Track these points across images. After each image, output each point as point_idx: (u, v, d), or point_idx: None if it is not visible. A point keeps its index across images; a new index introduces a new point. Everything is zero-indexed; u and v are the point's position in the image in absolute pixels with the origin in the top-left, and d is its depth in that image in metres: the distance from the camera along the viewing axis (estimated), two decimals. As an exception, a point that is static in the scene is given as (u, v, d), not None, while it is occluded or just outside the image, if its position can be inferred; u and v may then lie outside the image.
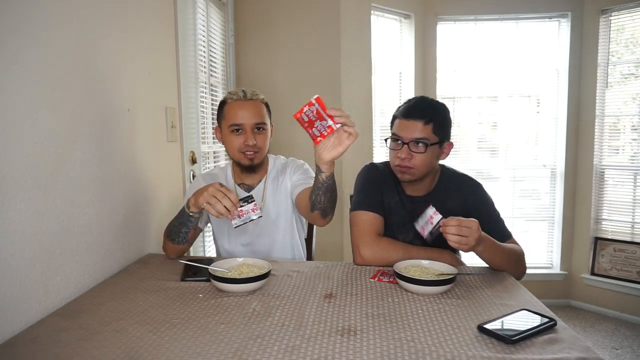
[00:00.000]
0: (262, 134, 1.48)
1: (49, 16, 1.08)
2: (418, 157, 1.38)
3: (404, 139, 1.38)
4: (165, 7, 1.78)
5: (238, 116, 1.44)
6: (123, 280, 1.27)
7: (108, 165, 1.34)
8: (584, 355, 0.84)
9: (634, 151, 3.35)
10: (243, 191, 1.56)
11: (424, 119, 1.37)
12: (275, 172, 1.59)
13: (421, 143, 1.37)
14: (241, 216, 1.24)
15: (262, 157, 1.51)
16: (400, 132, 1.40)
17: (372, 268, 1.37)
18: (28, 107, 1.01)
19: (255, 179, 1.57)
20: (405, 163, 1.38)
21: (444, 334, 0.93)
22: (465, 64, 3.55)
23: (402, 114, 1.40)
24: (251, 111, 1.45)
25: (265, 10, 2.83)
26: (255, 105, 1.47)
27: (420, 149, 1.37)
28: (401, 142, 1.39)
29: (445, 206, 1.44)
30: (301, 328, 0.95)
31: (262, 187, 1.56)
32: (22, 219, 0.98)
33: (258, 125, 1.46)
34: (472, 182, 1.51)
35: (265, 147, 1.51)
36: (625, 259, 3.30)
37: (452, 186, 1.48)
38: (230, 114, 1.46)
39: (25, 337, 0.92)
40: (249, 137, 1.45)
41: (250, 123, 1.45)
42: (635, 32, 3.27)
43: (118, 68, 1.41)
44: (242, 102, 1.46)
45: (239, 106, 1.45)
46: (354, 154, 2.94)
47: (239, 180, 1.58)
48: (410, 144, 1.37)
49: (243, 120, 1.44)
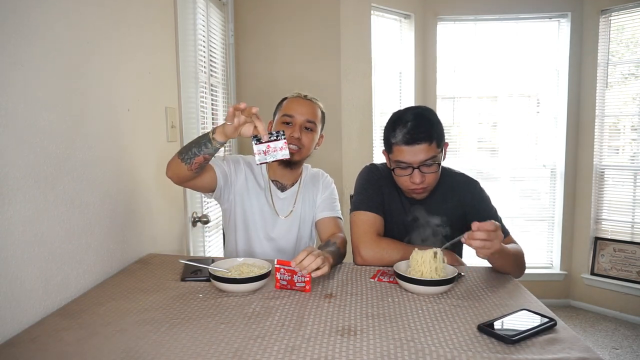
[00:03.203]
0: (309, 134, 1.51)
1: (49, 16, 1.08)
2: (431, 176, 1.36)
3: (412, 164, 1.33)
4: (165, 7, 1.78)
5: (293, 109, 1.51)
6: (123, 280, 1.27)
7: (108, 166, 1.34)
8: (584, 355, 0.84)
9: (633, 151, 3.35)
10: (276, 188, 1.58)
11: (429, 140, 1.32)
12: (309, 180, 1.63)
13: (431, 162, 1.34)
14: (267, 152, 1.14)
15: (303, 156, 1.54)
16: (407, 159, 1.34)
17: (372, 268, 1.37)
18: (28, 107, 1.01)
19: (290, 180, 1.60)
20: (420, 186, 1.36)
21: (444, 334, 0.93)
22: (465, 64, 3.55)
23: (403, 141, 1.32)
24: (306, 108, 1.51)
25: (265, 10, 2.83)
26: (312, 105, 1.54)
27: (432, 169, 1.35)
28: (410, 168, 1.34)
29: (443, 205, 1.45)
30: (301, 328, 0.95)
31: (296, 189, 1.60)
32: (22, 219, 0.98)
33: (308, 123, 1.50)
34: (468, 180, 1.52)
35: (309, 148, 1.54)
36: (625, 259, 3.30)
37: (449, 185, 1.48)
38: (286, 106, 1.53)
39: (26, 337, 0.92)
40: (296, 130, 1.48)
41: (301, 118, 1.50)
42: (635, 32, 3.27)
43: (118, 68, 1.41)
44: (301, 99, 1.54)
45: (296, 101, 1.53)
46: (353, 155, 2.94)
47: (273, 177, 1.59)
48: (421, 167, 1.34)
49: (296, 113, 1.50)
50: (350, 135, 2.91)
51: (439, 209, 1.44)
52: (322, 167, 1.79)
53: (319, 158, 2.81)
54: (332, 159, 2.86)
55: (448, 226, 1.40)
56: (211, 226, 2.23)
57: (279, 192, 1.58)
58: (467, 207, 1.46)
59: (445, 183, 1.48)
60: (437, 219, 1.41)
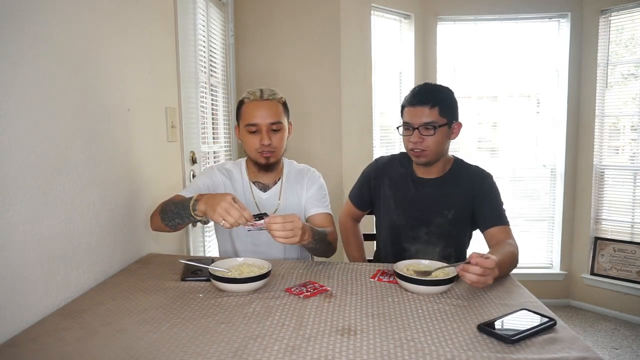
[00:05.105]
0: (278, 134, 1.50)
1: (49, 16, 1.08)
2: (429, 139, 1.46)
3: (413, 124, 1.47)
4: (165, 7, 1.78)
5: (254, 116, 1.46)
6: (123, 280, 1.27)
7: (108, 165, 1.34)
8: (583, 354, 0.84)
9: (633, 151, 3.35)
10: (258, 190, 1.57)
11: (429, 103, 1.45)
12: (292, 177, 1.60)
13: (430, 126, 1.45)
14: (255, 226, 1.22)
15: (278, 156, 1.53)
16: (409, 119, 1.48)
17: (372, 268, 1.37)
18: (28, 108, 1.01)
19: (271, 179, 1.58)
20: (418, 146, 1.47)
21: (444, 334, 0.93)
22: (465, 64, 3.55)
23: (409, 102, 1.50)
24: (267, 111, 1.47)
25: (265, 10, 2.83)
26: (271, 105, 1.48)
27: (429, 132, 1.45)
28: (412, 128, 1.47)
29: (453, 191, 1.54)
30: (301, 328, 0.95)
31: (278, 188, 1.58)
32: (22, 219, 0.98)
33: (273, 125, 1.48)
34: (481, 172, 1.58)
35: (282, 147, 1.52)
36: (624, 258, 3.30)
37: (462, 175, 1.56)
38: (246, 113, 1.48)
39: (26, 337, 0.93)
40: (264, 137, 1.46)
41: (265, 123, 1.46)
42: (635, 33, 3.27)
43: (118, 68, 1.41)
44: (258, 102, 1.48)
45: (254, 106, 1.47)
46: (353, 155, 2.94)
47: (254, 178, 1.58)
48: (420, 128, 1.46)
49: (258, 120, 1.46)
50: (350, 135, 2.91)
51: (447, 194, 1.54)
52: (322, 167, 1.79)
53: (319, 158, 2.83)
54: (332, 159, 2.86)
55: (454, 210, 1.53)
56: (211, 226, 2.23)
57: (260, 193, 1.56)
58: (475, 197, 1.53)
59: (458, 172, 1.57)
60: (445, 202, 1.53)
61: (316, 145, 2.85)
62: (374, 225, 1.78)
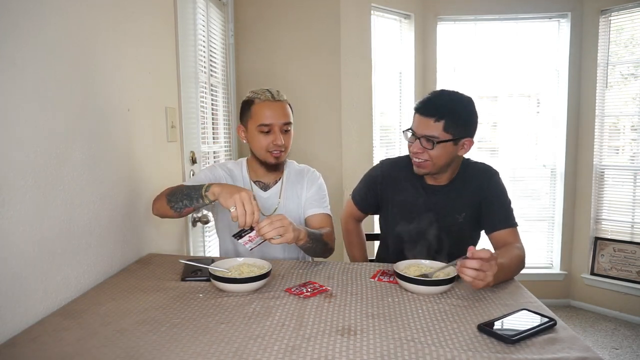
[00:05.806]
0: (288, 134, 1.51)
1: (49, 16, 1.08)
2: (429, 152, 1.42)
3: (416, 134, 1.44)
4: (165, 7, 1.78)
5: (268, 116, 1.46)
6: (123, 280, 1.27)
7: (108, 165, 1.34)
8: (583, 355, 0.84)
9: (633, 151, 3.35)
10: (259, 189, 1.57)
11: (435, 116, 1.39)
12: (292, 177, 1.61)
13: (430, 140, 1.40)
14: (252, 239, 1.23)
15: (286, 156, 1.54)
16: (414, 127, 1.45)
17: (372, 268, 1.37)
18: (28, 107, 1.01)
19: (272, 179, 1.59)
20: (418, 156, 1.44)
21: (444, 334, 0.93)
22: (465, 64, 3.55)
23: (418, 109, 1.45)
24: (280, 111, 1.48)
25: (265, 10, 2.83)
26: (283, 106, 1.50)
27: (428, 146, 1.41)
28: (415, 137, 1.45)
29: (462, 193, 1.51)
30: (301, 328, 0.95)
31: (279, 187, 1.58)
32: (22, 219, 0.98)
33: (286, 125, 1.49)
34: (488, 169, 1.56)
35: (290, 147, 1.54)
36: (624, 258, 3.30)
37: (469, 176, 1.54)
38: (259, 114, 1.47)
39: (26, 337, 0.92)
40: (278, 137, 1.46)
41: (279, 123, 1.47)
42: (635, 33, 3.27)
43: (118, 68, 1.41)
44: (271, 103, 1.48)
45: (268, 106, 1.47)
46: (353, 155, 2.94)
47: (255, 178, 1.59)
48: (422, 139, 1.42)
49: (273, 120, 1.46)
50: (350, 135, 2.91)
51: (458, 198, 1.51)
52: (322, 167, 1.79)
53: (319, 158, 2.83)
54: (332, 159, 2.86)
55: (465, 213, 1.50)
56: (211, 226, 2.22)
57: (261, 192, 1.56)
58: (484, 198, 1.50)
59: (465, 173, 1.54)
60: (456, 206, 1.50)
61: (316, 146, 2.85)
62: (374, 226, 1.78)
